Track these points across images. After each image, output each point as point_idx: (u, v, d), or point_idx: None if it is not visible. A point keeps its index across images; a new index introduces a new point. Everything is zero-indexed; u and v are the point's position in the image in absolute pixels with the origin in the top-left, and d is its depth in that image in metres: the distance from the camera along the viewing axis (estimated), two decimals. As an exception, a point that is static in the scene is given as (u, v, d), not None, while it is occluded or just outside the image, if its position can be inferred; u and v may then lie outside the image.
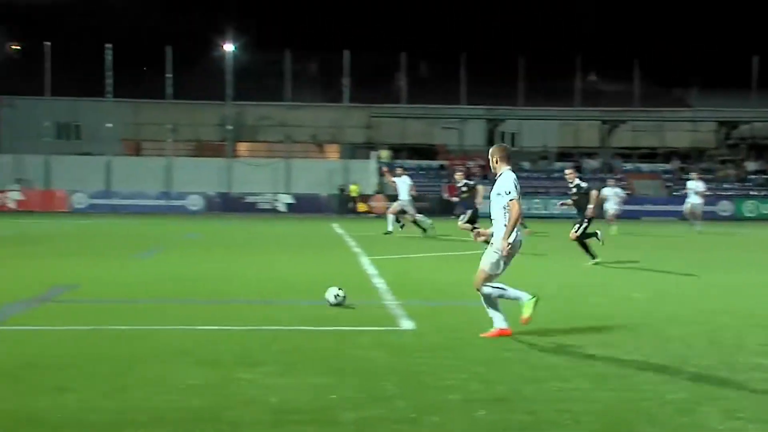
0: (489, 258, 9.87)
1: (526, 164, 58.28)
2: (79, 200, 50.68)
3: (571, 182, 19.70)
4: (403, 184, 29.21)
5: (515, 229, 9.76)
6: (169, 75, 56.36)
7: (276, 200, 52.13)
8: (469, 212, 24.84)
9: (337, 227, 32.16)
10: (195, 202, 51.69)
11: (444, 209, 45.44)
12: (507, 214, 9.77)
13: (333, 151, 62.77)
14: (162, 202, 51.87)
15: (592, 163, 59.10)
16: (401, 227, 29.17)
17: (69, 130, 62.44)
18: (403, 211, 29.21)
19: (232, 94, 57.99)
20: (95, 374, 7.81)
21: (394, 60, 61.52)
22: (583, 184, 19.72)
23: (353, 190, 51.60)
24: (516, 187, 9.79)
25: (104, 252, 21.63)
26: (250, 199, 51.97)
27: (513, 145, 63.38)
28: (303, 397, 7.14)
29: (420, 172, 54.42)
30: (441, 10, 78.56)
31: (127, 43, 58.83)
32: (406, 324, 10.80)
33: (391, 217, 29.63)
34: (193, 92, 61.48)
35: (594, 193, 19.69)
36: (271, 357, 8.67)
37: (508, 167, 9.98)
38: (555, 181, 54.04)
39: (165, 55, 55.89)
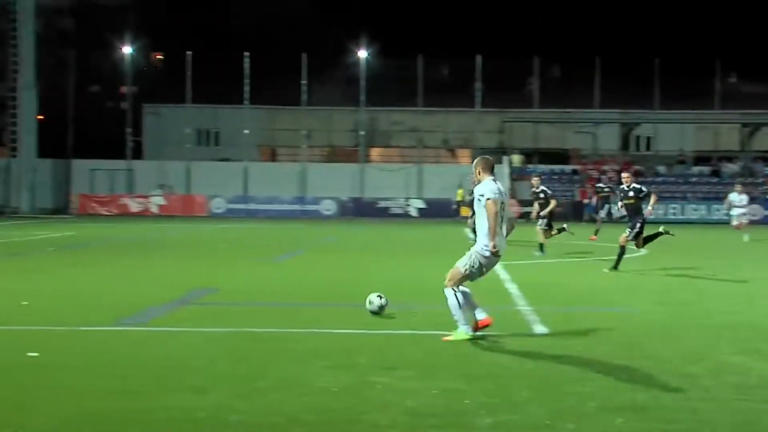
0: (467, 258, 9.97)
1: (661, 169, 56.92)
2: (218, 205, 52.01)
3: (627, 186, 18.63)
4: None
5: (499, 234, 9.83)
6: (304, 82, 57.29)
7: (408, 205, 52.38)
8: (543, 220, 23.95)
9: (468, 231, 32.06)
10: (328, 207, 52.39)
11: (578, 213, 44.92)
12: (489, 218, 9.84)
13: (465, 156, 62.63)
14: (296, 207, 52.77)
15: (731, 167, 57.29)
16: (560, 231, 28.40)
17: (208, 137, 64.21)
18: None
19: (365, 100, 58.55)
20: (233, 375, 7.98)
21: (527, 64, 61.01)
22: (644, 188, 18.67)
23: (459, 194, 51.39)
24: (495, 191, 9.86)
25: (242, 256, 22.12)
26: (382, 204, 52.35)
27: (648, 149, 62.15)
28: (438, 401, 7.15)
29: (553, 177, 53.82)
30: (574, 14, 77.52)
31: (264, 51, 60.06)
32: (540, 329, 10.70)
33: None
34: (327, 99, 62.38)
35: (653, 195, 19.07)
36: (406, 361, 8.70)
37: (491, 177, 10.07)
38: (692, 186, 52.68)
39: (300, 63, 56.83)
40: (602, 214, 30.69)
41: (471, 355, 9.04)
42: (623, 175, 19.41)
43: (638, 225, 18.11)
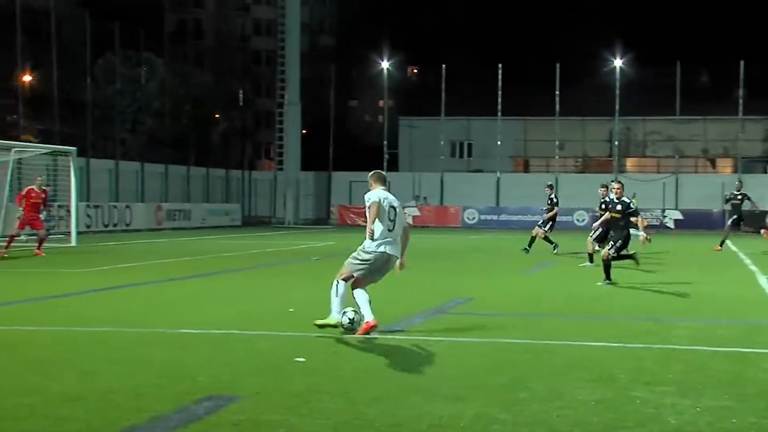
0: (351, 259, 10.86)
1: None
2: (470, 216, 52.52)
3: (617, 197, 18.30)
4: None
5: (384, 243, 10.63)
6: (557, 92, 56.87)
7: (665, 216, 50.81)
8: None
9: (730, 244, 30.73)
10: (582, 218, 51.69)
11: None
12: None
13: (726, 166, 60.11)
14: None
15: None
16: None
17: (462, 148, 65.01)
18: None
19: (620, 109, 57.37)
20: (491, 385, 8.05)
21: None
22: (633, 206, 18.64)
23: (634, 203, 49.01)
24: (380, 198, 10.63)
25: (495, 266, 22.25)
26: (638, 215, 51.05)
27: None
28: (702, 419, 6.93)
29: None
30: None
31: (516, 62, 60.19)
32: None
33: None
34: (581, 108, 61.62)
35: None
36: (666, 376, 8.49)
37: (380, 187, 10.93)
38: None
39: (553, 73, 56.47)
40: (729, 223, 29.88)
41: (736, 373, 8.69)
42: (614, 185, 18.58)
43: (620, 241, 17.59)
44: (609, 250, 17.59)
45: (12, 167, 28.92)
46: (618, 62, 56.98)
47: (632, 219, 18.41)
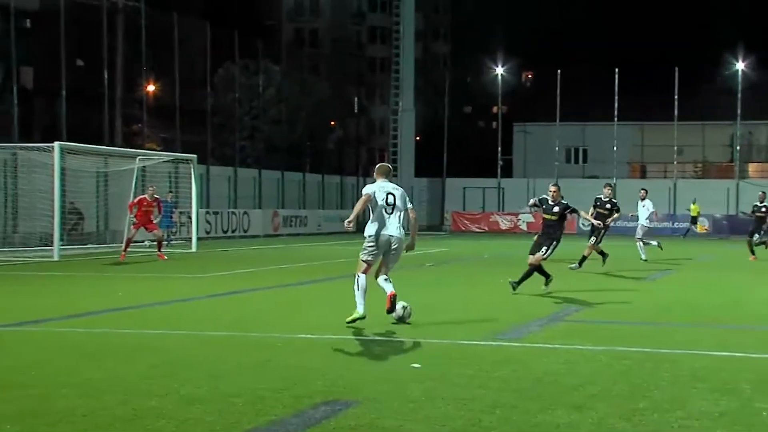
0: (360, 255, 12.00)
1: None
2: (586, 222, 51.70)
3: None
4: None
5: (381, 227, 11.77)
6: (675, 96, 55.69)
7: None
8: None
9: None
10: (702, 224, 50.47)
11: None
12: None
13: None
14: (666, 224, 51.37)
15: None
16: None
17: (577, 154, 64.27)
18: None
19: (742, 113, 55.82)
20: (611, 394, 7.94)
21: None
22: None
23: (693, 209, 47.10)
24: (376, 190, 11.83)
25: (612, 273, 21.91)
26: (761, 222, 49.58)
27: None
28: (831, 433, 6.72)
29: None
30: None
31: (633, 66, 59.18)
32: None
33: None
34: (700, 113, 60.21)
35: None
36: (793, 388, 8.26)
37: (381, 179, 12.11)
38: None
39: (671, 77, 55.32)
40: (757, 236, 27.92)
41: None
42: (551, 188, 18.95)
43: (556, 243, 17.27)
44: (543, 254, 16.95)
45: (136, 174, 29.84)
46: (740, 65, 55.50)
47: (581, 216, 19.44)
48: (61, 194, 26.88)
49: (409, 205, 12.21)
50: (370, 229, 11.92)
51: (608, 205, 22.66)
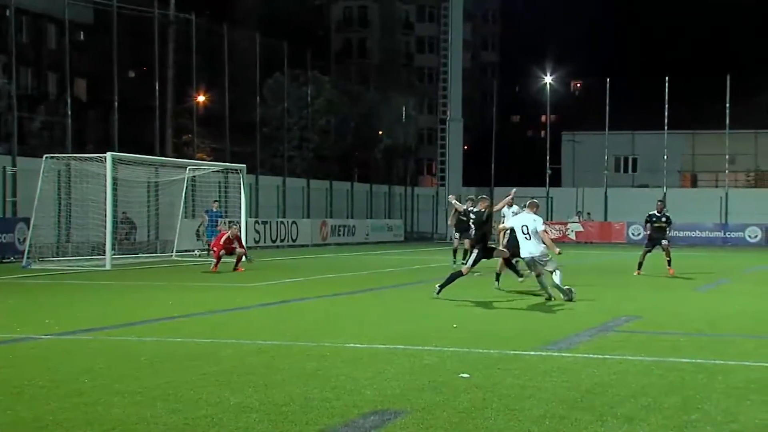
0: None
1: None
2: (635, 231, 51.28)
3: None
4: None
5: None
6: (727, 104, 55.03)
7: None
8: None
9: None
10: (755, 234, 49.82)
11: None
12: None
13: None
14: (718, 234, 50.76)
15: None
16: None
17: (626, 163, 63.77)
18: None
19: (795, 121, 55.05)
20: (663, 406, 7.86)
21: None
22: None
23: None
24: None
25: (662, 284, 21.72)
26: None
27: None
28: None
29: None
30: None
31: (683, 74, 58.59)
32: None
33: None
34: (753, 121, 59.45)
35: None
36: None
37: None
38: None
39: (722, 85, 54.69)
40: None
41: None
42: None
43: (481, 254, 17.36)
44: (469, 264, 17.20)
45: (186, 184, 30.10)
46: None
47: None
48: (113, 204, 27.19)
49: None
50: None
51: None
